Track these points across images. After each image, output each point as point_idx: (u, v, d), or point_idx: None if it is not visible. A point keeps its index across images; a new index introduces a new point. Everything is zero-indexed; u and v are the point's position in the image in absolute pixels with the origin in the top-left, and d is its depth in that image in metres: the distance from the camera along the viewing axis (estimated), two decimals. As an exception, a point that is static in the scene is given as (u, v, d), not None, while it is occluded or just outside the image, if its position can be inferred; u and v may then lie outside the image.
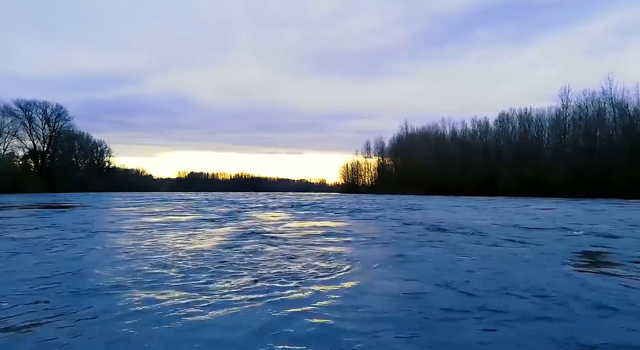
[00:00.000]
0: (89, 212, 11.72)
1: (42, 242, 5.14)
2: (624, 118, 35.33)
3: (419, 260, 4.00)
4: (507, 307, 2.39)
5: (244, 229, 6.79)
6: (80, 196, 29.43)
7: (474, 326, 2.07)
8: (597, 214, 11.47)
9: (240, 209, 13.74)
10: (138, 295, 2.60)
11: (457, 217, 10.01)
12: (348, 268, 3.53)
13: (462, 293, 2.72)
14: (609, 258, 4.14)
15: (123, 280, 3.01)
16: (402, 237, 5.89)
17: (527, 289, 2.80)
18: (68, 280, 3.03)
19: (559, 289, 2.80)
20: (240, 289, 2.78)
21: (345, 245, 4.94)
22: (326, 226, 7.49)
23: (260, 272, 3.32)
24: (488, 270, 3.45)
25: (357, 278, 3.15)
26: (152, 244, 4.91)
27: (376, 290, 2.78)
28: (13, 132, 47.46)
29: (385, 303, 2.47)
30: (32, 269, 3.44)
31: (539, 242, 5.25)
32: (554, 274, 3.33)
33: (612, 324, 2.11)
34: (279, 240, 5.41)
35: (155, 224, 7.79)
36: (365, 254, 4.29)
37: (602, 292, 2.76)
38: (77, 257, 4.05)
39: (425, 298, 2.59)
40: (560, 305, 2.42)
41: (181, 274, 3.22)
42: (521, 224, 7.90)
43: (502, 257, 4.14)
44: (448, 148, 49.91)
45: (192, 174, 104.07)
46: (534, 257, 4.14)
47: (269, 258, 4.01)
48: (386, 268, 3.59)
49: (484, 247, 4.84)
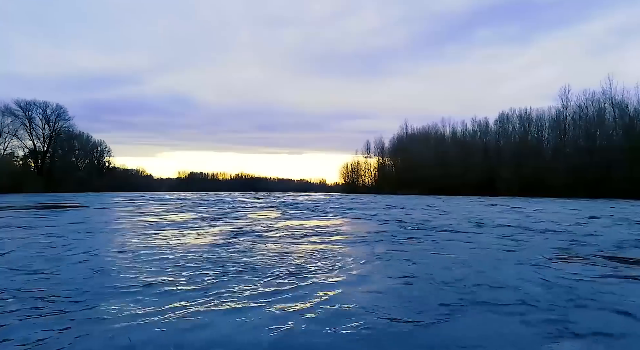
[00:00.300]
0: (83, 212, 11.72)
1: (26, 242, 5.14)
2: (624, 118, 35.27)
3: (400, 256, 3.98)
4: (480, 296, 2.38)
5: (234, 229, 6.78)
6: (79, 196, 29.45)
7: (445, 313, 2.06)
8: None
9: (236, 208, 13.74)
10: (121, 293, 2.59)
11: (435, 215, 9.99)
12: (330, 264, 3.52)
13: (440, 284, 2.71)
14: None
15: (104, 279, 3.00)
16: (385, 234, 5.89)
17: (498, 281, 2.80)
18: (47, 277, 3.02)
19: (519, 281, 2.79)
20: (219, 285, 2.77)
21: (332, 243, 4.93)
22: (316, 225, 7.49)
23: (240, 268, 3.31)
24: (463, 265, 3.44)
25: (338, 274, 3.15)
26: (142, 243, 4.90)
27: (350, 287, 2.77)
28: (13, 132, 47.53)
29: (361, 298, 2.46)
30: (14, 268, 3.43)
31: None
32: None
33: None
34: (266, 238, 5.40)
35: (148, 223, 7.79)
36: (348, 252, 4.28)
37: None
38: (58, 256, 4.04)
39: (408, 291, 2.59)
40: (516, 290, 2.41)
41: (161, 270, 3.21)
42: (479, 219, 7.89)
43: (480, 254, 4.14)
44: (448, 148, 49.88)
45: (192, 174, 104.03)
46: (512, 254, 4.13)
47: (252, 255, 4.00)
48: (365, 264, 3.59)
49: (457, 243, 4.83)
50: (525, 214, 11.03)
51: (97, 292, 2.64)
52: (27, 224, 7.60)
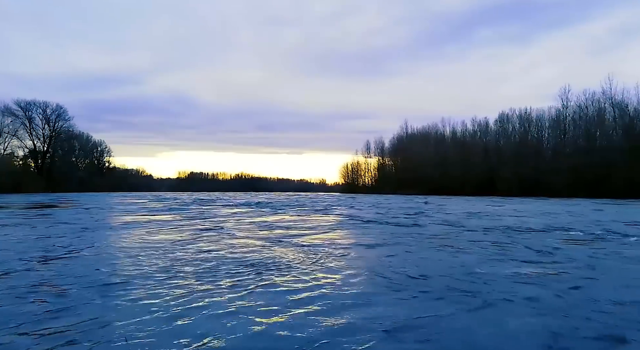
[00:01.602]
0: (78, 212, 11.70)
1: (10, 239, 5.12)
2: (624, 118, 35.24)
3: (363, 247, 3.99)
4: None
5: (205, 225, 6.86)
6: (78, 196, 29.45)
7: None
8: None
9: (207, 208, 13.72)
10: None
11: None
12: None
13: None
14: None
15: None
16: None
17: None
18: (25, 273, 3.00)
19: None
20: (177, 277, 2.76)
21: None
22: (285, 219, 7.53)
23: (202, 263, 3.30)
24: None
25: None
26: (117, 241, 4.89)
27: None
28: (13, 132, 47.58)
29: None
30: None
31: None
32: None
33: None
34: (234, 233, 5.40)
35: (130, 222, 7.79)
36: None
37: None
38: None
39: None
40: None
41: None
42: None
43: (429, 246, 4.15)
44: (448, 148, 49.86)
45: (192, 174, 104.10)
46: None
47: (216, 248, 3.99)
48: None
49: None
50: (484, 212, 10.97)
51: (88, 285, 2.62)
52: (16, 223, 7.59)
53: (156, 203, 17.82)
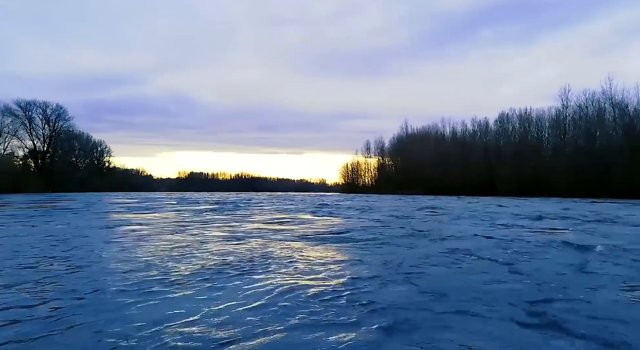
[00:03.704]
0: (74, 212, 11.70)
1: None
2: (624, 118, 35.19)
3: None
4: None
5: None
6: (77, 196, 29.45)
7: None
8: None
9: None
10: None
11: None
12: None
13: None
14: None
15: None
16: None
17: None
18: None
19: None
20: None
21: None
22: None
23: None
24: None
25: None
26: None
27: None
28: (13, 132, 47.62)
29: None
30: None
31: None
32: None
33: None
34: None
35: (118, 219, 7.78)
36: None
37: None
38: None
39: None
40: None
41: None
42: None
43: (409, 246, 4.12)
44: (448, 148, 49.81)
45: (192, 174, 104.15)
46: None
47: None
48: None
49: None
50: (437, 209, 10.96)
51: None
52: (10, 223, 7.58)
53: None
